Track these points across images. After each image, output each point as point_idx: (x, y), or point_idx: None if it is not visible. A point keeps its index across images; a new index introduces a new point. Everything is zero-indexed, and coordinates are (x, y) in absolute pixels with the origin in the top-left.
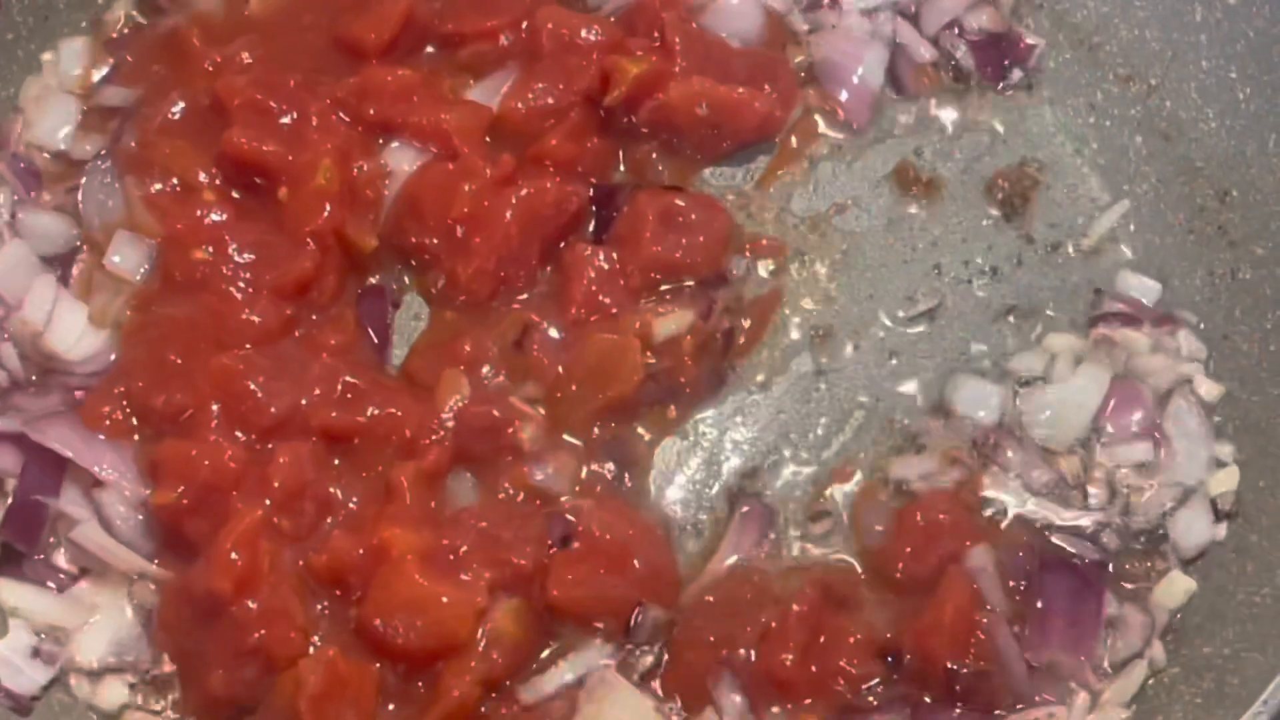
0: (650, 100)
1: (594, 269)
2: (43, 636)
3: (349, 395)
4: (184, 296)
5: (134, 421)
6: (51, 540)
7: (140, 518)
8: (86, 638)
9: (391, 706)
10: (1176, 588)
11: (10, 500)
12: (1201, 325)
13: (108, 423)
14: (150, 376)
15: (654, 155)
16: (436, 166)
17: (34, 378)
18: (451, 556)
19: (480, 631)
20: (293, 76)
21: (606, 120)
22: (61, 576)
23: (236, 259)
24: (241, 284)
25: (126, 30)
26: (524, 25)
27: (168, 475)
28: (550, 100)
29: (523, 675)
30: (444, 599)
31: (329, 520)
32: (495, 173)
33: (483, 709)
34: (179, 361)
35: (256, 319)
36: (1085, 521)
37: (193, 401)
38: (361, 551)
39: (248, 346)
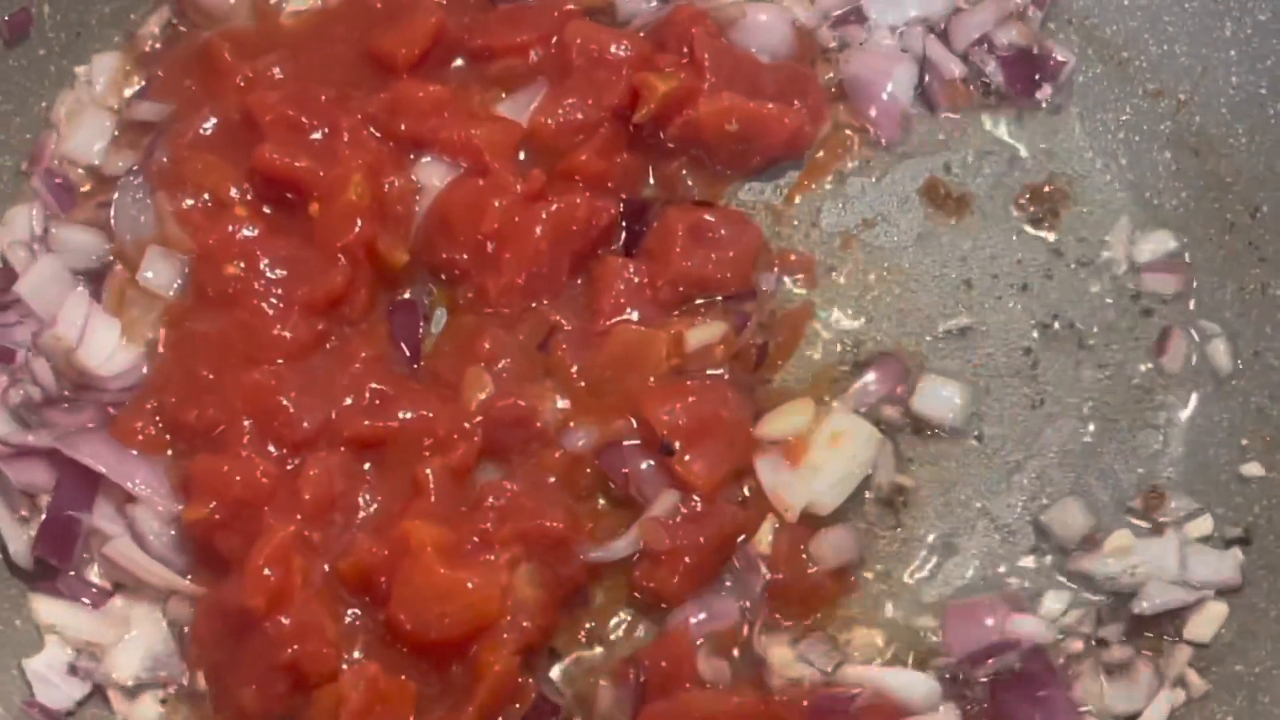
0: (680, 116)
1: (624, 281)
2: (78, 653)
3: (378, 402)
4: (216, 312)
5: (166, 437)
6: (85, 556)
7: (173, 533)
8: (121, 654)
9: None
10: (1212, 616)
11: (44, 516)
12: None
13: (140, 438)
14: (182, 392)
15: (684, 170)
16: (467, 182)
17: (67, 393)
18: (476, 539)
19: (507, 604)
20: (324, 91)
21: (636, 135)
22: (95, 592)
23: (268, 274)
24: (273, 299)
25: (159, 45)
26: (554, 40)
27: (200, 491)
28: (580, 115)
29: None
30: (469, 584)
31: (356, 524)
32: (525, 188)
33: None
34: (211, 377)
35: (288, 334)
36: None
37: (225, 417)
38: (386, 551)
39: (280, 361)
